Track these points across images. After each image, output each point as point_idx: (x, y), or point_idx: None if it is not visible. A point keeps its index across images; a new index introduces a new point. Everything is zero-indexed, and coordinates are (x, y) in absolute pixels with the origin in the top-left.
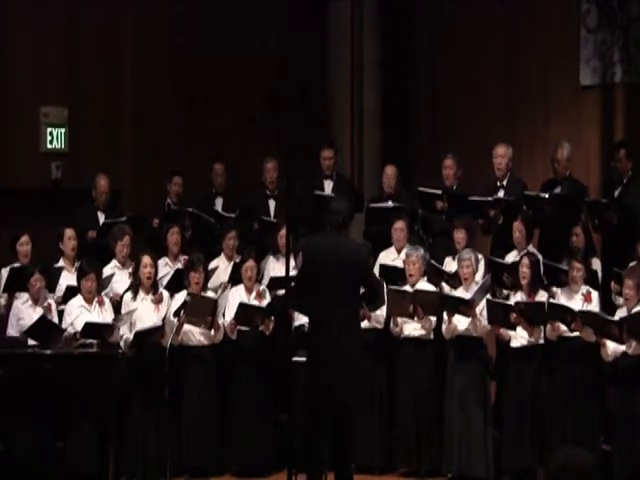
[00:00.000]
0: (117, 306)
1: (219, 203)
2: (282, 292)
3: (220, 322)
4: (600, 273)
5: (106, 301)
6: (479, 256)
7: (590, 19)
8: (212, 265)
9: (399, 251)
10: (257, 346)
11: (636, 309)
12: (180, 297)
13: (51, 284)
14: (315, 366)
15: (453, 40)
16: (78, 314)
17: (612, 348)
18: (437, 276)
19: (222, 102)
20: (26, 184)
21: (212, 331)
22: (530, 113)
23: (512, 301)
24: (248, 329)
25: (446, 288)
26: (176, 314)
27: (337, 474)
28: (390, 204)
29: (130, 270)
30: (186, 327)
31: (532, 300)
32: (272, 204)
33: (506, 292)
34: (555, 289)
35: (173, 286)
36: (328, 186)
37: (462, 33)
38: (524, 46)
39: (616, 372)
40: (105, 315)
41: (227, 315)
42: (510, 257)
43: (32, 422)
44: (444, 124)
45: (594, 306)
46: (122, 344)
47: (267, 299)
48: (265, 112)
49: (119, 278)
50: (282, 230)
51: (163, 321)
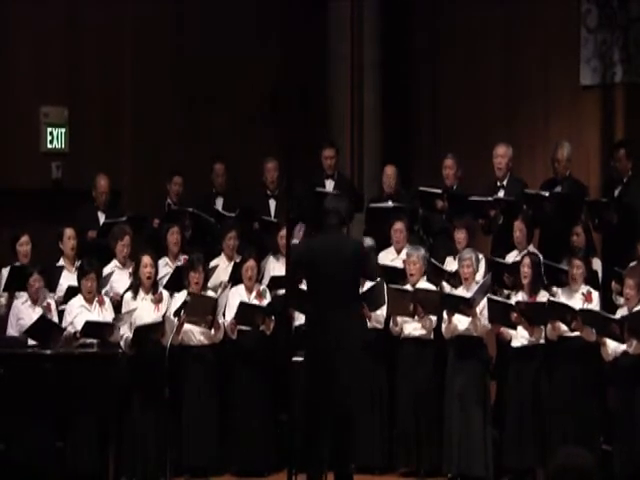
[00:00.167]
0: (117, 306)
1: (219, 203)
2: (282, 292)
3: (220, 322)
4: (600, 273)
5: (106, 301)
6: (480, 256)
7: (590, 19)
8: (212, 264)
9: (398, 252)
10: (257, 346)
11: (637, 308)
12: (180, 297)
13: (51, 284)
14: (315, 366)
15: (453, 40)
16: (78, 313)
17: (612, 348)
18: (437, 275)
19: (222, 102)
20: (26, 184)
21: (212, 330)
22: (530, 113)
23: (513, 301)
24: (249, 329)
25: (446, 287)
26: (176, 314)
27: (337, 474)
28: (390, 204)
29: (130, 270)
30: (186, 327)
31: (533, 300)
32: (272, 204)
33: (507, 292)
34: (555, 289)
35: (173, 285)
36: (329, 186)
37: (462, 33)
38: (524, 46)
39: (616, 372)
40: (105, 315)
41: (227, 315)
42: (511, 257)
43: (32, 422)
44: (444, 124)
45: (594, 306)
46: (122, 344)
47: (267, 299)
48: (265, 112)
49: (119, 278)
50: (282, 230)
51: (163, 318)
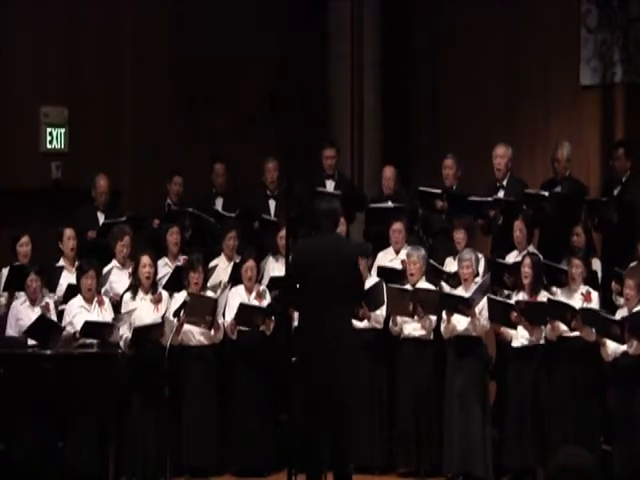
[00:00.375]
0: (117, 306)
1: (219, 203)
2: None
3: (220, 322)
4: (600, 273)
5: (106, 301)
6: (479, 256)
7: (590, 19)
8: (212, 264)
9: (397, 252)
10: (257, 346)
11: (637, 309)
12: (180, 297)
13: (51, 284)
14: (313, 367)
15: (453, 40)
16: (77, 313)
17: (612, 348)
18: (436, 276)
19: (222, 102)
20: (26, 184)
21: (212, 331)
22: (530, 113)
23: (513, 301)
24: (249, 329)
25: (446, 288)
26: (176, 314)
27: (336, 474)
28: (390, 204)
29: (130, 270)
30: (186, 327)
31: (533, 300)
32: (272, 204)
33: (507, 292)
34: (555, 289)
35: (172, 285)
36: (330, 186)
37: (462, 33)
38: (524, 46)
39: (616, 372)
40: (105, 315)
41: (227, 315)
42: (511, 257)
43: (32, 422)
44: (444, 124)
45: (594, 306)
46: (122, 344)
47: (267, 299)
48: (265, 112)
49: (119, 278)
50: (282, 231)
51: (163, 319)
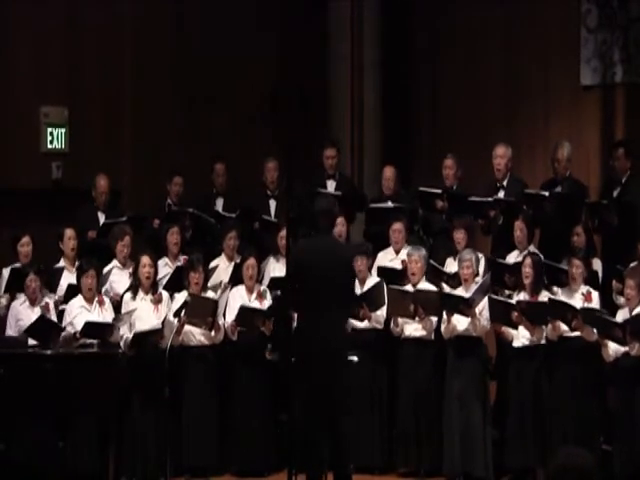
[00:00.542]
0: (117, 306)
1: (219, 203)
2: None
3: (220, 323)
4: (600, 273)
5: (106, 301)
6: (479, 256)
7: (590, 19)
8: (212, 265)
9: (397, 252)
10: (257, 346)
11: (637, 309)
12: (180, 297)
13: (51, 284)
14: (312, 366)
15: (453, 40)
16: (78, 314)
17: (613, 348)
18: (436, 277)
19: (222, 102)
20: (26, 184)
21: (212, 332)
22: (530, 113)
23: (514, 301)
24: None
25: (446, 288)
26: (176, 314)
27: (336, 474)
28: (390, 204)
29: (130, 270)
30: (186, 327)
31: (534, 300)
32: (272, 204)
33: (508, 292)
34: (556, 289)
35: (172, 285)
36: (331, 186)
37: (462, 33)
38: (524, 46)
39: (617, 372)
40: (105, 315)
41: (228, 316)
42: (511, 257)
43: (32, 422)
44: (444, 124)
45: (594, 306)
46: (122, 344)
47: (268, 300)
48: (265, 112)
49: (119, 278)
50: (282, 231)
51: (163, 323)
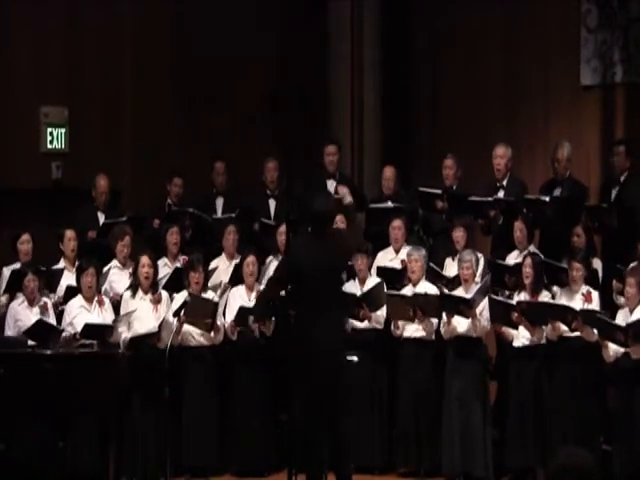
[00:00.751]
0: (117, 306)
1: (219, 203)
2: (282, 292)
3: (220, 323)
4: (601, 273)
5: (106, 301)
6: (479, 256)
7: (590, 19)
8: (212, 265)
9: (397, 251)
10: (257, 346)
11: (638, 308)
12: (180, 297)
13: (51, 284)
14: (312, 367)
15: (453, 40)
16: (77, 314)
17: (613, 349)
18: (436, 280)
19: (222, 102)
20: (26, 184)
21: (212, 333)
22: (530, 113)
23: (514, 301)
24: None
25: (445, 291)
26: (176, 314)
27: (336, 474)
28: (390, 204)
29: (130, 270)
30: (186, 327)
31: (534, 300)
32: (272, 204)
33: (508, 292)
34: (556, 289)
35: (172, 285)
36: (331, 186)
37: (462, 33)
38: (524, 46)
39: (616, 372)
40: (105, 315)
41: (228, 316)
42: (511, 257)
43: (32, 422)
44: (444, 124)
45: (594, 306)
46: (120, 344)
47: None
48: (265, 112)
49: (119, 278)
50: (281, 227)
51: (159, 326)
